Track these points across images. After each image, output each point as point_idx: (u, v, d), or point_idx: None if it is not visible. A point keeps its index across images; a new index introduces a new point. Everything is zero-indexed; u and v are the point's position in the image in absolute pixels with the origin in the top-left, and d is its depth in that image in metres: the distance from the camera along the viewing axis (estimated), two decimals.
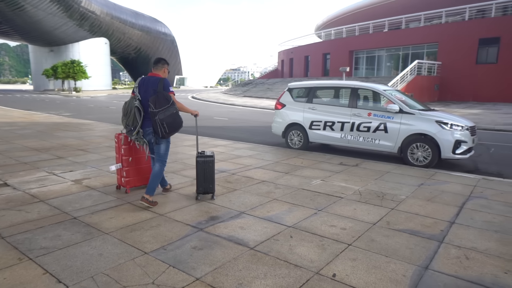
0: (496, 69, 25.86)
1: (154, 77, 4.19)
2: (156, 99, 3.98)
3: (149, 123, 4.15)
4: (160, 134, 4.05)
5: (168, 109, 4.01)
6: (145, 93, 4.12)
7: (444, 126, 6.57)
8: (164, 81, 4.15)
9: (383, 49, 33.79)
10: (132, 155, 4.66)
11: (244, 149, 8.02)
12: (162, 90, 4.06)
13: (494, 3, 26.69)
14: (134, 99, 4.15)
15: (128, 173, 4.65)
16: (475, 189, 5.03)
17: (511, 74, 24.92)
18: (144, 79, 4.21)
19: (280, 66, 48.87)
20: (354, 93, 7.71)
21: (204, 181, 4.41)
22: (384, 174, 5.85)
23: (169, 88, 4.13)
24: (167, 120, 4.00)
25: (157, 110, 3.96)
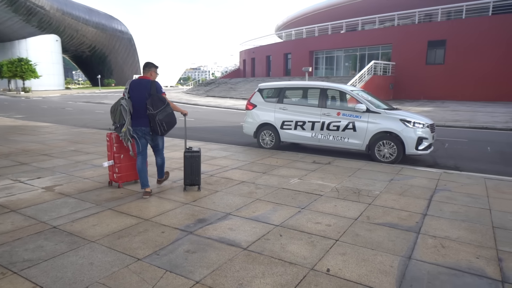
0: (444, 69, 27.82)
1: (145, 80, 4.51)
2: (153, 101, 4.37)
3: (144, 122, 4.50)
4: (160, 132, 4.53)
5: (165, 109, 4.46)
6: (139, 94, 4.45)
7: (408, 124, 7.02)
8: (156, 84, 4.51)
9: (341, 49, 35.05)
10: (124, 152, 4.94)
11: (217, 150, 8.02)
12: (155, 93, 4.43)
13: (440, 8, 28.66)
14: (122, 98, 4.47)
15: (120, 169, 4.94)
16: (439, 182, 5.45)
17: (456, 74, 26.93)
18: (136, 82, 4.53)
19: (242, 65, 49.03)
20: (324, 93, 7.99)
21: (191, 174, 4.83)
22: (356, 171, 6.15)
23: (161, 89, 4.53)
24: (166, 119, 4.46)
25: (155, 111, 4.38)
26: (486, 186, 5.23)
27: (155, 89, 4.45)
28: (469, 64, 26.19)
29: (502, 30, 24.92)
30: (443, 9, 28.72)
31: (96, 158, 6.95)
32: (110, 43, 75.48)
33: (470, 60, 26.07)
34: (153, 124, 4.45)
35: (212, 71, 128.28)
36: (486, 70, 25.58)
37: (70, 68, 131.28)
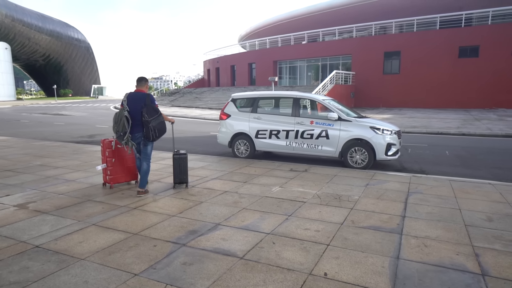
0: (399, 78, 29.53)
1: (140, 93, 5.15)
2: (148, 110, 4.97)
3: (138, 129, 5.06)
4: (151, 138, 5.04)
5: (158, 117, 5.06)
6: (135, 105, 5.02)
7: (377, 131, 7.41)
8: (150, 96, 5.14)
9: (304, 59, 36.10)
10: (115, 157, 5.51)
11: (194, 160, 7.96)
12: (150, 103, 5.04)
13: (394, 22, 30.53)
14: (123, 110, 4.98)
15: (112, 171, 5.51)
16: (410, 185, 5.80)
17: (411, 83, 28.68)
18: (132, 94, 5.13)
19: (207, 75, 48.90)
20: (296, 103, 8.23)
21: (179, 173, 5.57)
22: (333, 177, 6.38)
23: (154, 101, 5.17)
24: (158, 126, 5.04)
25: (150, 118, 4.96)
26: (452, 188, 5.64)
27: (150, 101, 5.07)
28: (421, 74, 28.01)
29: (448, 42, 26.99)
30: (397, 22, 30.64)
31: (68, 172, 6.65)
32: (66, 51, 72.29)
33: (423, 70, 27.91)
34: (146, 130, 4.99)
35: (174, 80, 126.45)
36: (437, 79, 27.49)
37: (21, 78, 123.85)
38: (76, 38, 74.41)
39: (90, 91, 79.58)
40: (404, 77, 29.24)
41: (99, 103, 46.66)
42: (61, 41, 70.06)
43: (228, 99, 9.24)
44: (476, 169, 7.75)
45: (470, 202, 4.87)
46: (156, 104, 5.16)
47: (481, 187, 5.72)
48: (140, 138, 5.10)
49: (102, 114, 26.59)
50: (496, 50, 25.50)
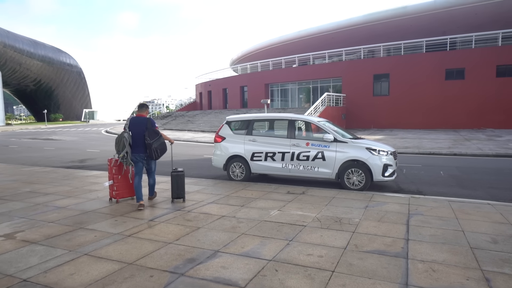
0: (389, 100, 30.04)
1: (142, 118, 5.82)
2: (149, 133, 5.64)
3: (141, 150, 5.73)
4: (154, 157, 5.75)
5: (159, 139, 5.75)
6: (137, 129, 5.71)
7: (373, 152, 7.39)
8: (151, 120, 5.80)
9: (295, 82, 36.64)
10: (121, 174, 6.06)
11: (188, 184, 7.79)
12: (151, 127, 5.72)
13: (382, 45, 31.41)
14: (125, 132, 5.66)
15: (118, 187, 6.08)
16: (410, 207, 5.72)
17: (400, 105, 29.18)
18: (134, 119, 5.79)
19: (199, 98, 49.19)
20: (292, 124, 8.22)
21: (177, 189, 6.15)
22: (331, 199, 6.28)
23: (155, 124, 5.83)
24: (159, 147, 5.74)
25: (152, 141, 5.64)
26: (452, 209, 5.58)
27: (150, 124, 5.74)
28: (411, 95, 28.57)
29: (435, 65, 27.76)
30: (385, 46, 31.53)
31: (58, 199, 6.42)
32: (58, 76, 72.28)
33: (412, 91, 28.49)
34: (149, 150, 5.66)
35: (166, 104, 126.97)
36: (426, 100, 28.05)
37: (11, 103, 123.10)
38: (68, 63, 74.64)
39: (81, 116, 79.12)
40: (393, 99, 29.78)
41: (90, 127, 46.30)
42: (52, 66, 70.17)
43: (221, 121, 9.24)
44: (472, 189, 7.73)
45: (473, 224, 4.80)
46: (156, 127, 5.81)
47: (481, 207, 5.67)
48: (143, 158, 5.79)
49: (93, 138, 26.32)
50: (481, 72, 26.26)
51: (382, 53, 31.93)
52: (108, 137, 27.59)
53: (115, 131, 34.03)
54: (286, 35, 41.47)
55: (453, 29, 31.17)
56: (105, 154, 15.22)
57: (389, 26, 33.87)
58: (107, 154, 14.95)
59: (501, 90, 25.74)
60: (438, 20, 31.64)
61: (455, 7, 29.86)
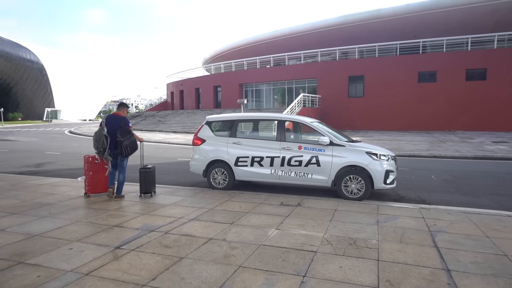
0: (364, 102, 30.01)
1: (118, 116, 6.19)
2: (121, 131, 5.96)
3: (113, 147, 6.03)
4: (125, 154, 6.03)
5: (130, 137, 6.04)
6: (113, 127, 6.02)
7: (374, 157, 6.62)
8: (125, 119, 6.18)
9: (270, 83, 35.94)
10: (92, 171, 6.40)
11: (163, 194, 6.68)
12: (124, 125, 6.06)
13: (356, 47, 31.38)
14: (103, 130, 5.99)
15: (89, 183, 6.44)
16: (426, 221, 4.96)
17: (375, 106, 29.19)
18: (111, 117, 6.15)
19: (170, 98, 47.37)
20: (281, 125, 7.31)
21: (145, 184, 6.43)
22: (333, 213, 5.41)
23: (129, 124, 6.18)
24: (130, 145, 6.02)
25: (123, 138, 5.93)
26: (474, 224, 4.86)
27: (124, 123, 6.12)
28: (385, 97, 28.63)
29: (408, 67, 27.98)
30: (359, 48, 31.50)
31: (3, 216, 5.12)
32: (16, 73, 67.48)
33: (386, 93, 28.55)
34: (120, 148, 5.98)
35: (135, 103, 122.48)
36: (399, 102, 28.19)
37: None
38: (28, 59, 69.86)
39: (42, 115, 74.28)
40: (368, 101, 29.76)
41: (53, 127, 43.26)
42: (10, 62, 65.42)
43: (194, 122, 8.31)
44: (474, 196, 7.16)
45: (510, 244, 4.07)
46: (130, 126, 6.17)
47: (504, 221, 5.00)
48: (117, 154, 6.10)
49: (55, 139, 24.17)
50: (451, 75, 26.71)
51: (357, 55, 31.91)
52: (72, 138, 25.50)
53: (80, 131, 31.77)
54: (260, 35, 40.73)
55: (424, 33, 31.64)
56: (66, 157, 13.62)
57: (363, 28, 33.96)
58: (70, 158, 13.37)
59: (470, 93, 26.28)
60: (410, 24, 32.06)
61: (427, 12, 30.35)
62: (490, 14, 29.14)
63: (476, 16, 29.50)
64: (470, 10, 29.02)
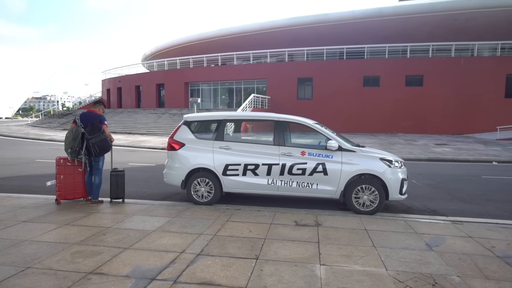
0: (312, 104, 30.19)
1: (93, 113, 5.79)
2: (91, 129, 5.58)
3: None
4: (93, 154, 5.66)
5: (99, 136, 5.62)
6: (87, 124, 5.62)
7: (389, 163, 5.85)
8: (101, 117, 5.77)
9: (217, 82, 34.56)
10: (64, 174, 5.80)
11: (139, 214, 5.15)
12: (97, 123, 5.63)
13: (305, 50, 31.56)
14: (79, 127, 5.61)
15: (60, 187, 5.80)
16: (478, 242, 4.24)
17: (323, 109, 29.50)
18: (85, 114, 5.75)
19: (106, 95, 43.27)
20: (280, 127, 6.22)
21: (116, 189, 6.01)
22: (366, 234, 4.46)
23: (103, 121, 5.76)
24: (98, 144, 5.61)
25: (91, 136, 5.57)
26: None
27: (99, 121, 5.65)
28: (332, 100, 29.05)
29: (354, 72, 28.76)
30: (308, 50, 31.70)
31: None
32: None
33: (333, 96, 28.97)
34: (88, 146, 5.59)
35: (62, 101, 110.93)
36: (346, 105, 28.81)
37: None
38: None
39: None
40: (316, 103, 29.98)
41: None
42: None
43: (135, 122, 7.09)
44: (476, 204, 6.80)
45: None
46: (104, 124, 5.72)
47: None
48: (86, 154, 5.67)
49: None
50: (393, 80, 28.01)
51: (306, 57, 32.08)
52: None
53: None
54: (206, 33, 39.10)
55: (366, 39, 32.92)
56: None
57: (311, 31, 34.32)
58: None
59: (409, 98, 27.79)
60: (354, 29, 33.13)
61: (369, 19, 31.60)
62: (423, 26, 31.28)
63: (411, 26, 31.46)
64: (407, 21, 30.85)
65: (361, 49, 30.10)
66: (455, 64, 27.45)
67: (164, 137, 22.55)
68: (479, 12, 28.41)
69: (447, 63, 27.56)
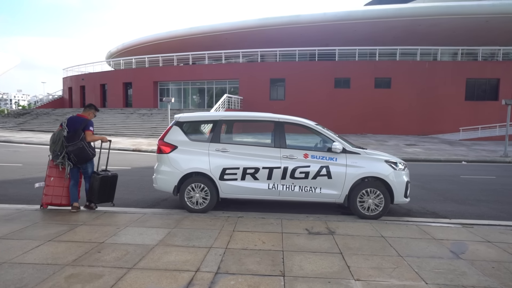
0: (285, 104, 30.16)
1: (81, 118, 5.43)
2: (71, 135, 5.22)
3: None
4: (73, 161, 5.30)
5: (76, 143, 5.22)
6: (73, 129, 5.28)
7: (394, 166, 5.69)
8: (87, 122, 5.39)
9: (188, 82, 33.67)
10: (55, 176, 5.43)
11: (132, 226, 4.58)
12: (80, 129, 5.27)
13: (278, 50, 31.53)
14: (63, 131, 5.28)
15: (47, 190, 5.41)
16: (500, 247, 4.14)
17: (295, 110, 29.37)
18: (72, 118, 5.41)
19: (68, 94, 40.78)
20: (280, 128, 5.90)
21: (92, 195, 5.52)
22: (386, 242, 4.22)
23: (89, 127, 5.38)
24: (75, 152, 5.22)
25: (68, 143, 5.22)
26: None
27: (84, 126, 5.31)
28: (305, 101, 29.16)
29: (326, 73, 29.09)
30: (281, 51, 31.68)
31: None
32: None
33: (305, 97, 29.10)
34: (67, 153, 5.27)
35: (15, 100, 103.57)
36: (318, 106, 29.05)
37: None
38: None
39: None
40: (289, 103, 29.98)
41: None
42: None
43: (102, 122, 6.67)
44: (470, 204, 6.85)
45: None
46: (89, 130, 5.35)
47: None
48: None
49: None
50: (363, 82, 28.65)
51: (278, 58, 32.05)
52: None
53: None
54: (176, 31, 37.94)
55: (336, 41, 33.44)
56: None
57: (283, 32, 34.30)
58: None
59: (378, 100, 28.53)
60: (325, 31, 33.52)
61: (340, 22, 32.11)
62: (389, 30, 32.28)
63: (379, 30, 32.35)
64: (375, 25, 31.67)
65: (332, 51, 30.51)
66: (420, 67, 28.54)
67: (134, 138, 21.49)
68: (441, 19, 29.74)
69: (413, 67, 28.61)
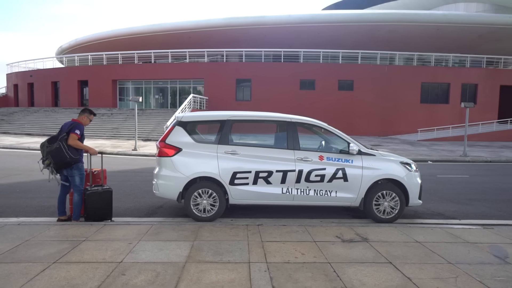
0: (251, 105, 29.88)
1: (71, 121, 5.01)
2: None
3: None
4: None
5: (53, 144, 4.77)
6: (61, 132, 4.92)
7: (408, 167, 5.59)
8: (74, 124, 4.90)
9: (150, 81, 32.23)
10: None
11: (146, 240, 3.97)
12: (65, 130, 4.83)
13: (244, 51, 31.23)
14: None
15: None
16: None
17: (261, 110, 29.33)
18: (66, 122, 5.03)
19: (13, 92, 37.19)
20: (293, 129, 5.56)
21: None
22: (424, 248, 4.04)
23: (75, 130, 4.84)
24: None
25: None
26: None
27: (70, 129, 4.84)
28: (271, 102, 29.05)
29: (291, 74, 29.30)
30: (247, 52, 31.41)
31: None
32: None
33: (271, 98, 29.03)
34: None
35: None
36: (283, 107, 28.77)
37: None
38: None
39: None
40: (255, 104, 29.71)
41: None
42: None
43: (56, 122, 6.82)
44: (467, 204, 6.99)
45: None
46: (74, 132, 4.85)
47: None
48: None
49: None
50: (327, 84, 29.25)
51: (244, 58, 31.76)
52: None
53: None
54: (137, 27, 36.19)
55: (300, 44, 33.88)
56: None
57: (248, 32, 34.08)
58: None
59: (341, 102, 29.29)
60: (289, 33, 33.84)
61: (304, 24, 32.61)
62: (350, 35, 33.38)
63: (341, 34, 33.32)
64: (337, 29, 32.57)
65: (297, 53, 30.80)
66: (380, 71, 29.73)
67: (95, 140, 20.00)
68: (398, 25, 31.27)
69: (374, 70, 29.73)
